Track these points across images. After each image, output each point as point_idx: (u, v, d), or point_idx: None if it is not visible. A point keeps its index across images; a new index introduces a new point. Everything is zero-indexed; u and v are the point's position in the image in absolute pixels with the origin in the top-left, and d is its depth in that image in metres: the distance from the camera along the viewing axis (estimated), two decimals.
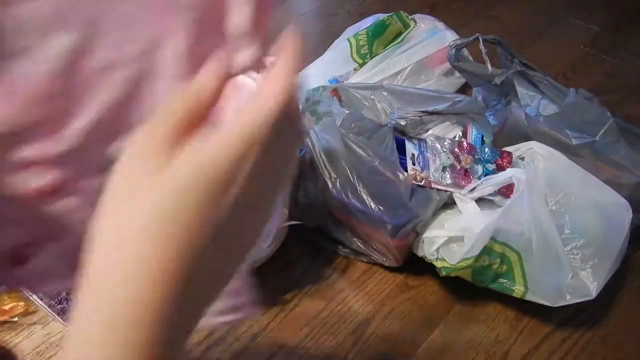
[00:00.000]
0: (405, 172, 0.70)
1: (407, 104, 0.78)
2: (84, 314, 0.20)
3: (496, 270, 0.66)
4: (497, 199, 0.70)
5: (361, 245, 0.73)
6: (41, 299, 0.63)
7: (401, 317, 0.72)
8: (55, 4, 0.22)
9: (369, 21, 1.02)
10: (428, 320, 0.71)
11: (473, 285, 0.69)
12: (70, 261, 0.25)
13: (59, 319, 0.64)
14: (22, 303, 0.69)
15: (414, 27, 1.01)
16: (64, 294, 0.64)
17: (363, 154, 0.69)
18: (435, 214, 0.71)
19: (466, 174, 0.73)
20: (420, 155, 0.74)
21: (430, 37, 0.99)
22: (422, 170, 0.73)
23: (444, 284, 0.74)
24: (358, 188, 0.67)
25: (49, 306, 0.63)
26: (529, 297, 0.66)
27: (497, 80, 0.82)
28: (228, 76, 0.23)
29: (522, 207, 0.65)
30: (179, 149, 0.20)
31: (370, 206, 0.66)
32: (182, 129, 0.20)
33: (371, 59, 0.96)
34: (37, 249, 0.31)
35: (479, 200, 0.71)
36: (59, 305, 0.63)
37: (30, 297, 0.63)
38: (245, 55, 0.23)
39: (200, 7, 0.24)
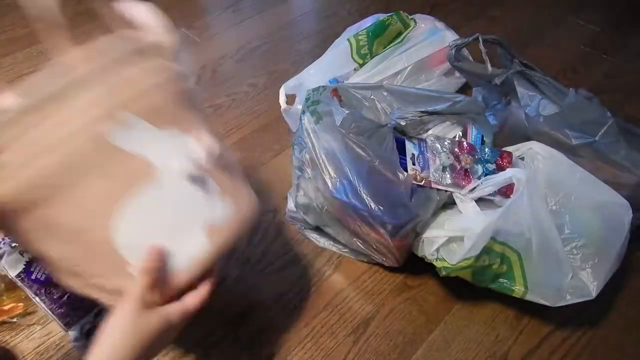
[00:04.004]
0: (405, 172, 0.70)
1: (407, 104, 0.78)
2: None
3: (496, 270, 0.66)
4: (497, 199, 0.70)
5: (361, 245, 0.73)
6: (43, 302, 0.63)
7: (401, 317, 0.72)
8: None
9: (369, 21, 1.02)
10: (428, 320, 0.71)
11: (473, 285, 0.69)
12: None
13: (60, 322, 0.64)
14: (21, 304, 0.69)
15: (414, 27, 1.01)
16: (65, 298, 0.64)
17: (363, 154, 0.69)
18: (435, 214, 0.71)
19: (466, 174, 0.73)
20: (420, 155, 0.74)
21: (430, 37, 0.99)
22: (422, 170, 0.73)
23: (444, 284, 0.74)
24: (358, 188, 0.67)
25: (50, 310, 0.63)
26: (529, 297, 0.66)
27: (497, 80, 0.82)
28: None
29: (522, 207, 0.65)
30: (149, 310, 0.45)
31: (370, 206, 0.66)
32: (150, 292, 0.45)
33: (371, 59, 0.96)
34: None
35: (479, 200, 0.71)
36: (60, 310, 0.63)
37: (34, 299, 0.63)
38: None
39: None
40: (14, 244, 0.61)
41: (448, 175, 0.72)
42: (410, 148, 0.74)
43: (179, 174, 0.46)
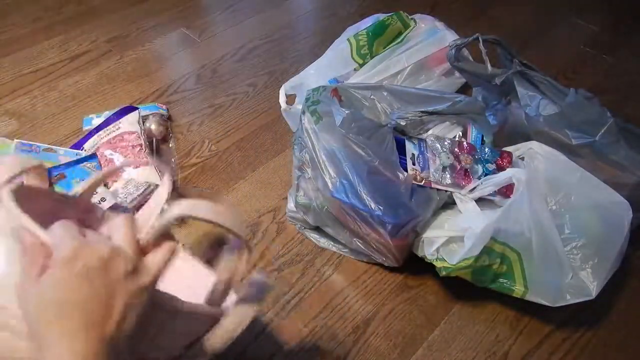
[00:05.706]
0: (405, 172, 0.70)
1: (407, 104, 0.78)
2: None
3: (496, 270, 0.66)
4: (497, 199, 0.70)
5: (361, 245, 0.73)
6: None
7: (401, 317, 0.72)
8: None
9: (369, 21, 1.02)
10: (428, 320, 0.71)
11: (473, 285, 0.69)
12: None
13: None
14: None
15: (414, 27, 1.01)
16: None
17: (363, 154, 0.69)
18: (435, 214, 0.71)
19: (466, 174, 0.73)
20: (420, 155, 0.74)
21: (430, 37, 0.99)
22: (422, 170, 0.73)
23: (444, 284, 0.74)
24: (358, 188, 0.67)
25: None
26: (529, 297, 0.66)
27: (497, 80, 0.82)
28: None
29: (522, 207, 0.65)
30: None
31: (370, 206, 0.66)
32: None
33: (371, 59, 0.96)
34: None
35: (479, 200, 0.71)
36: None
37: None
38: None
39: None
40: None
41: (448, 175, 0.72)
42: (410, 148, 0.74)
43: None
